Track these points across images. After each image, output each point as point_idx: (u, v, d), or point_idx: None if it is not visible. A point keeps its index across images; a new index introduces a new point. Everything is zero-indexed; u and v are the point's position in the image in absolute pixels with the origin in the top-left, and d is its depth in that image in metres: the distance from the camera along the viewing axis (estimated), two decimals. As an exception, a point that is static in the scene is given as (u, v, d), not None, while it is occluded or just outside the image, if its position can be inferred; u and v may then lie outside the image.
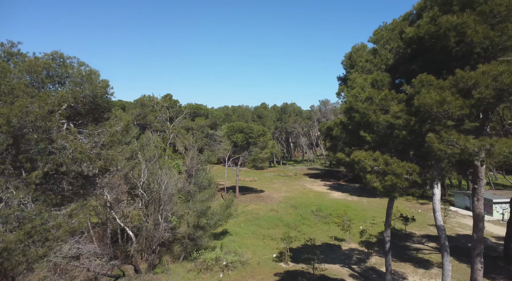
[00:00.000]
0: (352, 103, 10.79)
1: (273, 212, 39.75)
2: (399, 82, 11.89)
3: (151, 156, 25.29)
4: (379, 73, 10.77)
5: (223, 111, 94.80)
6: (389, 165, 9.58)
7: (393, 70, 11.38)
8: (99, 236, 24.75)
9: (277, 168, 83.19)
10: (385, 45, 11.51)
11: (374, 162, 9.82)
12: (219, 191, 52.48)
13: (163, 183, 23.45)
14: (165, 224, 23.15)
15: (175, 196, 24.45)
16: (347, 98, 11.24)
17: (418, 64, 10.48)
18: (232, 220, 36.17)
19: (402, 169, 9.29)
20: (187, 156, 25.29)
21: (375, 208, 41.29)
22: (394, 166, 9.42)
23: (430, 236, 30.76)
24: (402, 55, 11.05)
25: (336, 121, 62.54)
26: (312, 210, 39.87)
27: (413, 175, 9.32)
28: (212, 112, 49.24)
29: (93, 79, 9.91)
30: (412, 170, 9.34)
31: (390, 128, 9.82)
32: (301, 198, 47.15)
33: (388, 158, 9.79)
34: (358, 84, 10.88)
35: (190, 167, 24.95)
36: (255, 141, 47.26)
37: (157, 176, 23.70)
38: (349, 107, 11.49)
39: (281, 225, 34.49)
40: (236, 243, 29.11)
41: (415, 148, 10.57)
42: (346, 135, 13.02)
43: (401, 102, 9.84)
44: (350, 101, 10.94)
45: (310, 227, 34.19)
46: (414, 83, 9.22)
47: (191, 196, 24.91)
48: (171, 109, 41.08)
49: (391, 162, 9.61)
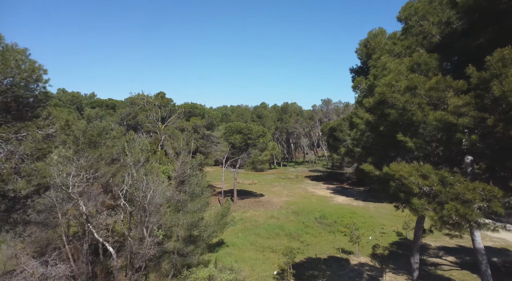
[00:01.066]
0: (386, 95, 7.93)
1: (274, 219, 36.88)
2: (451, 67, 9.00)
3: (136, 160, 22.43)
4: (422, 54, 7.87)
5: (222, 111, 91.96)
6: (449, 185, 6.69)
7: (440, 50, 8.52)
8: (76, 251, 21.91)
9: (278, 169, 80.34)
10: (421, 21, 8.68)
11: (423, 180, 6.93)
12: (216, 195, 49.62)
13: (149, 192, 20.59)
14: (151, 238, 20.30)
15: (163, 206, 21.58)
16: (377, 89, 8.41)
17: (488, 36, 7.60)
18: (229, 228, 33.36)
19: (474, 192, 6.35)
20: (177, 161, 22.42)
21: (383, 215, 38.42)
22: (459, 188, 6.49)
23: (447, 248, 27.89)
24: (455, 29, 8.20)
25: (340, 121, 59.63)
26: (315, 217, 37.00)
27: (494, 201, 6.34)
28: (209, 112, 46.39)
29: (8, 59, 6.92)
30: (491, 194, 6.36)
31: (445, 130, 6.97)
32: (303, 203, 44.28)
33: (446, 175, 6.89)
34: (393, 70, 8.03)
35: (181, 173, 22.09)
36: (254, 142, 44.40)
37: (143, 183, 20.84)
38: (379, 101, 8.63)
39: (282, 235, 31.62)
40: (233, 257, 26.26)
41: (495, 160, 7.61)
42: (374, 140, 10.12)
43: (462, 93, 6.95)
44: (381, 93, 8.08)
45: (314, 236, 31.31)
46: (490, 64, 6.37)
47: (181, 205, 22.04)
48: (164, 108, 38.18)
49: (452, 181, 6.70)
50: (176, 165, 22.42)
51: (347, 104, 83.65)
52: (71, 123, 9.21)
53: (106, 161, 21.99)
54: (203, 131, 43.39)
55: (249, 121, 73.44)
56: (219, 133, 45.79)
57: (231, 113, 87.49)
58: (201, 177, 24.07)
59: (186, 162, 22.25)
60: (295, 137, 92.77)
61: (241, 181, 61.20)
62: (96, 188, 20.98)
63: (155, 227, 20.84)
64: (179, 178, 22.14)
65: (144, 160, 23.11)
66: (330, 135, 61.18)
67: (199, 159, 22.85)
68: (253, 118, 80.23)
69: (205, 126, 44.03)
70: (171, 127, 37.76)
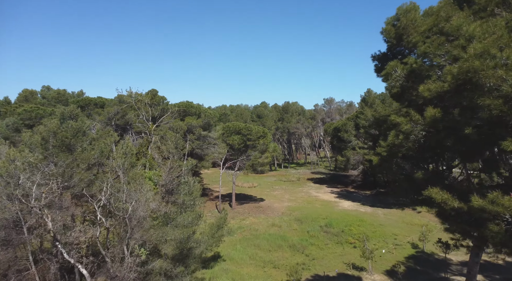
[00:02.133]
0: (480, 73, 4.96)
1: (275, 228, 33.86)
2: None
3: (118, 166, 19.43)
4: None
5: (221, 111, 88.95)
6: None
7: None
8: (48, 272, 18.88)
9: (278, 171, 77.28)
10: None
11: None
12: (214, 200, 46.62)
13: (130, 203, 17.57)
14: (132, 258, 17.28)
15: (148, 219, 18.54)
16: (460, 64, 5.49)
17: None
18: (226, 238, 30.37)
19: None
20: (164, 167, 19.41)
21: (394, 222, 35.38)
22: None
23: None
24: None
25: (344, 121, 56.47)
26: (320, 225, 33.96)
27: None
28: (205, 111, 43.35)
29: None
30: None
31: None
32: (307, 209, 41.26)
33: None
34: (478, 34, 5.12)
35: (168, 181, 19.09)
36: (254, 144, 41.36)
37: (124, 193, 17.83)
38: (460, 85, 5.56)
39: (285, 246, 28.60)
40: (230, 274, 23.27)
41: None
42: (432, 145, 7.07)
43: None
44: (471, 69, 5.03)
45: (320, 248, 28.28)
46: None
47: (169, 219, 19.02)
48: (156, 107, 35.15)
49: None
50: (163, 171, 19.40)
51: (351, 104, 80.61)
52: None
53: (81, 167, 18.99)
54: (199, 132, 40.37)
55: (249, 121, 70.42)
56: (216, 134, 42.77)
57: (230, 113, 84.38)
58: (193, 184, 21.03)
59: (175, 167, 19.24)
60: (296, 137, 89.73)
61: (240, 184, 58.19)
62: (68, 199, 17.95)
63: (136, 245, 17.81)
64: (167, 187, 19.13)
65: (128, 165, 20.09)
66: (334, 136, 58.18)
67: (190, 163, 19.81)
68: (253, 118, 77.21)
69: (201, 127, 41.01)
70: (164, 128, 34.73)
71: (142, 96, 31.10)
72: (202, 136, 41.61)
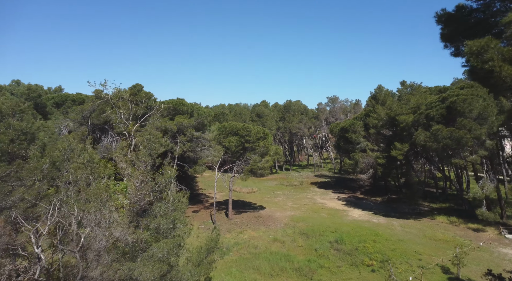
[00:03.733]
0: None
1: (277, 244, 29.26)
2: None
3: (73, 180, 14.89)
4: None
5: (218, 109, 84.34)
6: None
7: None
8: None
9: (280, 174, 72.62)
10: None
11: None
12: (208, 208, 42.02)
13: (83, 232, 12.99)
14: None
15: (110, 252, 13.94)
16: None
17: None
18: (220, 259, 25.76)
19: None
20: (133, 179, 14.76)
21: (415, 238, 30.72)
22: None
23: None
24: None
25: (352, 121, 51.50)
26: (330, 241, 29.34)
27: None
28: (199, 110, 38.77)
29: None
30: None
31: None
32: (313, 219, 36.63)
33: None
34: None
35: (138, 200, 14.48)
36: (253, 146, 36.76)
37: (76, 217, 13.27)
38: None
39: (289, 270, 23.99)
40: (222, 311, 18.70)
41: None
42: None
43: None
44: None
45: (332, 273, 23.66)
46: None
47: (139, 250, 14.39)
48: (141, 104, 30.53)
49: None
50: (131, 186, 14.79)
51: (357, 102, 75.87)
52: None
53: (23, 181, 14.41)
54: (191, 133, 35.76)
55: (248, 121, 65.78)
56: (211, 135, 38.17)
57: (228, 112, 79.74)
58: (173, 202, 16.35)
59: (147, 181, 14.64)
60: (298, 138, 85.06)
61: (238, 189, 53.58)
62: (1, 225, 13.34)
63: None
64: (136, 207, 14.51)
65: (85, 178, 15.50)
66: (341, 136, 53.52)
67: (168, 176, 15.16)
68: (252, 117, 72.55)
69: (193, 127, 36.40)
70: (150, 127, 30.10)
71: (121, 92, 26.48)
72: (195, 138, 37.02)
